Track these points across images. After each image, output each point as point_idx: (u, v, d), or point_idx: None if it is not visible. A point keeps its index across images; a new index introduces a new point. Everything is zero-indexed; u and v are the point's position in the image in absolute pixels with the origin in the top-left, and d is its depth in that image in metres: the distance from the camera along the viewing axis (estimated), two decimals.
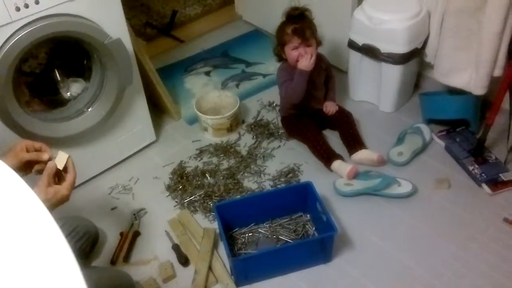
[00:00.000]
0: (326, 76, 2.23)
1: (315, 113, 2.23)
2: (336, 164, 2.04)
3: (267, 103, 2.48)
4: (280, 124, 2.31)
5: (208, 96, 2.39)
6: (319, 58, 2.10)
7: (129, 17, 3.26)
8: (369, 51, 2.20)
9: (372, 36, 2.16)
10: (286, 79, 2.10)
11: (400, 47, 2.12)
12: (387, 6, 2.15)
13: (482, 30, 1.86)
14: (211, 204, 1.96)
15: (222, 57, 2.85)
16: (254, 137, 2.29)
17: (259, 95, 2.55)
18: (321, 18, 2.08)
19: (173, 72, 2.76)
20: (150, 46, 3.01)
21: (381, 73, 2.24)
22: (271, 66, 2.61)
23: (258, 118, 2.39)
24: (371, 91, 2.37)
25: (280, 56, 2.13)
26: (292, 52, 2.04)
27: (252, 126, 2.35)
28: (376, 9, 2.13)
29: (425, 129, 2.21)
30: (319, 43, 2.09)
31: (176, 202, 2.01)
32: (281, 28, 2.07)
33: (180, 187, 2.06)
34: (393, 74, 2.21)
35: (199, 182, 2.08)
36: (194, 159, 2.21)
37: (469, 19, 1.91)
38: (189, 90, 2.63)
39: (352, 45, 2.26)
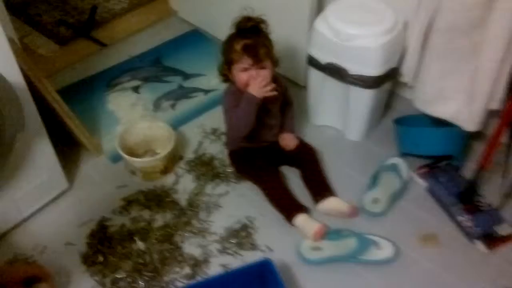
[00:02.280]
0: (283, 102, 1.79)
1: (270, 146, 1.80)
2: (300, 220, 1.63)
3: (210, 130, 2.01)
4: (227, 160, 1.86)
5: (135, 128, 1.89)
6: (275, 81, 1.66)
7: (39, 13, 2.69)
8: (334, 72, 1.78)
9: (338, 54, 1.73)
10: (233, 106, 1.65)
11: (373, 69, 1.71)
12: (355, 17, 1.73)
13: (480, 54, 1.48)
14: (142, 285, 1.51)
15: (154, 67, 2.34)
16: (195, 179, 1.83)
17: (200, 118, 2.08)
18: (274, 19, 1.63)
19: (93, 87, 2.23)
20: (65, 51, 2.45)
21: (348, 96, 1.83)
22: (214, 79, 2.12)
23: (200, 152, 1.93)
24: (336, 115, 1.96)
25: (227, 76, 1.67)
26: (241, 74, 1.59)
27: (193, 164, 1.89)
28: (342, 21, 1.70)
29: (402, 165, 1.83)
30: (275, 63, 1.65)
31: (96, 281, 1.54)
32: (229, 42, 1.60)
33: (101, 259, 1.58)
34: (363, 99, 1.81)
35: (125, 250, 1.61)
36: (120, 213, 1.73)
37: (462, 39, 1.52)
38: (112, 113, 2.12)
39: (312, 62, 1.83)
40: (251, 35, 1.56)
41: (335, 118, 1.98)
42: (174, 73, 2.30)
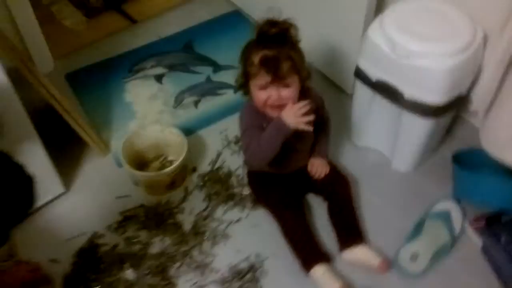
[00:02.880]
0: (317, 120, 1.47)
1: (296, 172, 1.50)
2: (319, 272, 1.34)
3: (233, 138, 1.74)
4: (245, 179, 1.59)
5: (146, 131, 1.65)
6: (306, 95, 1.34)
7: None
8: (386, 92, 1.44)
9: (392, 72, 1.39)
10: (252, 126, 1.36)
11: (435, 96, 1.36)
12: (419, 27, 1.36)
13: None
14: None
15: (184, 52, 2.07)
16: (206, 198, 1.58)
17: (224, 121, 1.80)
18: (324, 14, 1.38)
19: (113, 71, 1.99)
20: (91, 24, 2.22)
21: (400, 121, 1.49)
22: None
23: (217, 166, 1.67)
24: (383, 138, 1.63)
25: (245, 88, 1.38)
26: (258, 92, 1.29)
27: (206, 179, 1.63)
28: (402, 31, 1.35)
29: (455, 213, 1.49)
30: (306, 77, 1.33)
31: None
32: (247, 52, 1.29)
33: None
34: (418, 128, 1.47)
35: (112, 278, 1.40)
36: (115, 230, 1.52)
37: None
38: (129, 105, 1.88)
39: (360, 76, 1.49)
40: (273, 45, 1.23)
41: (381, 141, 1.65)
42: (204, 62, 2.02)
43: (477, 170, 1.47)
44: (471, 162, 1.50)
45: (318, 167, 1.49)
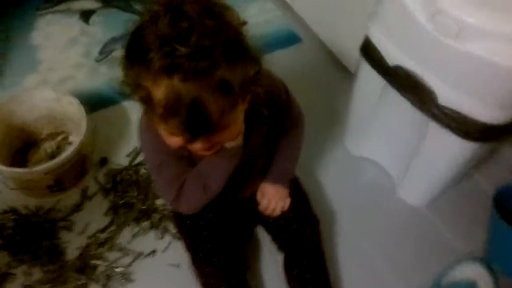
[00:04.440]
0: (274, 121, 0.84)
1: (241, 202, 0.95)
2: None
3: None
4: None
5: (33, 97, 1.08)
6: (259, 86, 0.69)
7: None
8: (408, 87, 0.87)
9: (425, 56, 0.81)
10: (166, 156, 0.74)
11: (492, 108, 0.80)
12: None
13: None
14: None
15: None
16: (111, 212, 1.04)
17: None
18: None
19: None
20: None
21: (423, 135, 0.93)
22: None
23: (137, 160, 1.12)
24: (391, 150, 1.08)
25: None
26: (169, 136, 0.61)
27: (117, 180, 1.08)
28: None
29: (485, 283, 0.96)
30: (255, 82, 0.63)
31: None
32: (137, 65, 0.56)
33: None
34: (450, 152, 0.91)
35: None
36: None
37: None
38: (35, 50, 1.31)
39: (369, 53, 0.92)
40: (190, 69, 0.53)
41: (388, 154, 1.09)
42: None
43: None
44: None
45: (271, 199, 0.91)
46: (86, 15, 1.38)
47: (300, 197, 0.95)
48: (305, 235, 0.91)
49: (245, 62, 0.58)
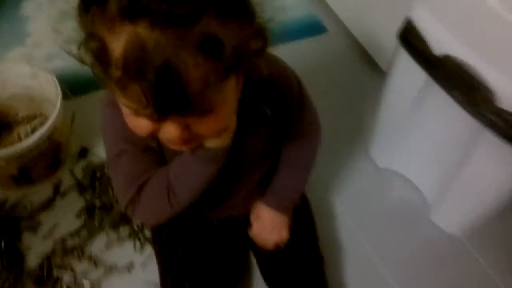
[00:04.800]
0: (283, 126, 0.63)
1: (232, 223, 0.75)
2: None
3: None
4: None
5: (7, 69, 0.92)
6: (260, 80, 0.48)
7: None
8: (457, 82, 0.68)
9: (485, 44, 0.62)
10: (123, 150, 0.56)
11: None
12: None
13: None
14: None
15: None
16: (83, 213, 0.87)
17: None
18: None
19: None
20: None
21: (473, 148, 0.73)
22: None
23: None
24: (427, 164, 0.89)
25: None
26: (131, 118, 0.44)
27: (97, 176, 0.92)
28: None
29: None
30: (256, 61, 0.45)
31: None
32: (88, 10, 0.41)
33: None
34: (509, 172, 0.71)
35: None
36: None
37: None
38: (24, 20, 1.17)
39: (409, 38, 0.73)
40: (164, 12, 0.36)
41: (420, 169, 0.90)
42: None
43: None
44: None
45: (264, 227, 0.72)
46: None
47: (305, 228, 0.75)
48: (302, 279, 0.71)
49: (242, 23, 0.40)
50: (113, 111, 0.51)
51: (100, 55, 0.39)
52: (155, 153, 0.57)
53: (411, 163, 0.92)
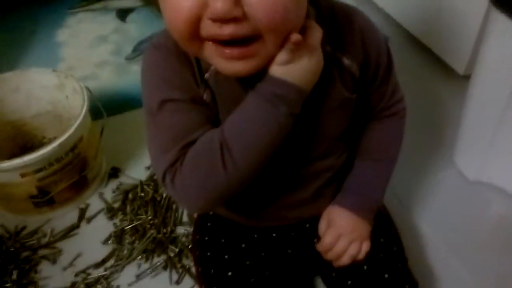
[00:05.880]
0: (367, 95, 0.52)
1: (294, 231, 0.58)
2: None
3: None
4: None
5: (30, 80, 0.83)
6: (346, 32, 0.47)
7: None
8: None
9: None
10: (166, 99, 0.44)
11: None
12: None
13: None
14: None
15: None
16: (113, 241, 0.73)
17: None
18: None
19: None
20: None
21: None
22: None
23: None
24: None
25: None
26: None
27: (129, 198, 0.78)
28: None
29: None
30: None
31: None
32: None
33: None
34: None
35: None
36: None
37: None
38: (58, 46, 1.12)
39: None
40: None
41: None
42: None
43: None
44: None
45: (340, 236, 0.54)
46: (123, 13, 1.17)
47: (390, 242, 0.57)
48: None
49: None
50: (160, 54, 0.45)
51: None
52: (206, 108, 0.44)
53: (510, 173, 0.74)
